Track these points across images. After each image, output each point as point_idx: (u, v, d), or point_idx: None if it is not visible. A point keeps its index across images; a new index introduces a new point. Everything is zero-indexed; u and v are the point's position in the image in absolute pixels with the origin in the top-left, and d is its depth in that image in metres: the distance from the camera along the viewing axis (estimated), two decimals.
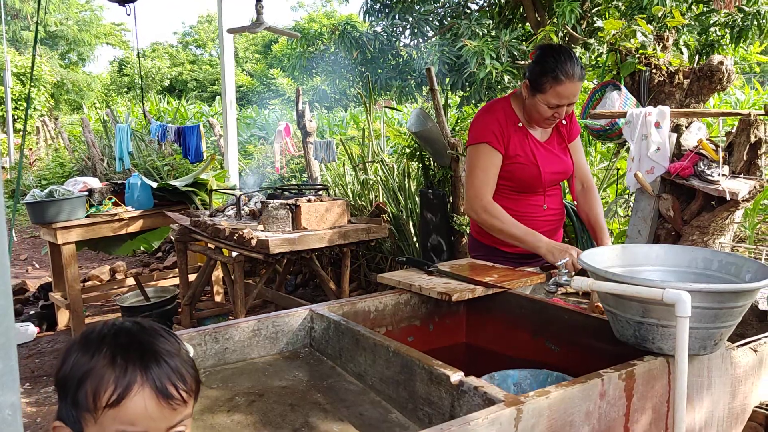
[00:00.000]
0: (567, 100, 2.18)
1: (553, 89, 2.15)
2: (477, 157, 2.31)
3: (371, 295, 1.96)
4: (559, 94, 2.16)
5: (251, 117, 12.06)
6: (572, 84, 2.14)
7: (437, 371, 1.40)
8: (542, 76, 2.16)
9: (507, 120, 2.31)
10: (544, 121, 2.26)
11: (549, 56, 2.16)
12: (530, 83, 2.21)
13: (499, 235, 2.28)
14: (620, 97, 3.13)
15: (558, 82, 2.13)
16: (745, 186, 2.72)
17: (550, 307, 1.85)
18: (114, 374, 0.87)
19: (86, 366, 0.88)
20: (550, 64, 2.14)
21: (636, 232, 3.11)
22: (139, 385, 0.87)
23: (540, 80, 2.17)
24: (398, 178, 4.75)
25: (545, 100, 2.19)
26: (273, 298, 4.39)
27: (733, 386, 1.61)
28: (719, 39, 6.34)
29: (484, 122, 2.32)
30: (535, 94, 2.21)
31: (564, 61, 2.12)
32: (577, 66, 2.14)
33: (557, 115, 2.23)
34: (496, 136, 2.28)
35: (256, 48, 28.84)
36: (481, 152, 2.31)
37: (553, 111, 2.21)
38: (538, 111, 2.23)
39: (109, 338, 0.91)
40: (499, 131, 2.29)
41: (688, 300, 1.30)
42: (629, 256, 1.73)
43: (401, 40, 7.82)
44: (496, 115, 2.32)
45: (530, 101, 2.24)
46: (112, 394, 0.86)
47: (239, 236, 3.46)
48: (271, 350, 1.78)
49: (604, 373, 1.37)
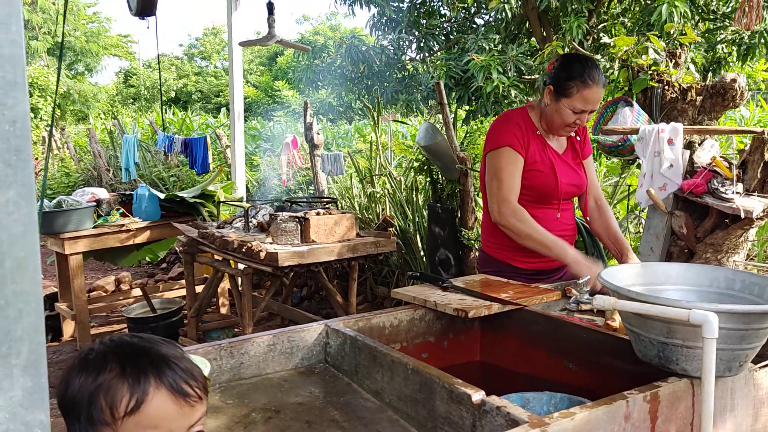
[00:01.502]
0: (591, 105, 2.22)
1: (580, 93, 2.20)
2: (500, 160, 2.30)
3: (386, 311, 1.94)
4: (585, 99, 2.20)
5: (256, 129, 12.09)
6: (598, 89, 2.20)
7: (458, 390, 1.38)
8: (569, 80, 2.20)
9: (526, 127, 2.33)
10: (566, 127, 2.28)
11: (575, 62, 2.23)
12: (555, 88, 2.25)
13: (527, 240, 2.25)
14: (632, 114, 3.12)
15: (586, 86, 2.19)
16: (759, 204, 2.71)
17: (567, 325, 1.83)
18: (127, 383, 0.88)
19: (95, 383, 0.88)
20: (578, 70, 2.19)
21: (648, 249, 3.09)
22: (155, 388, 0.88)
23: (567, 84, 2.21)
24: (406, 192, 4.74)
25: (570, 105, 2.22)
26: (279, 310, 4.37)
27: (756, 408, 1.58)
28: (726, 56, 6.36)
29: (505, 127, 2.32)
30: (559, 99, 2.24)
31: (591, 67, 2.20)
32: (601, 74, 2.21)
33: (579, 122, 2.26)
34: (517, 140, 2.29)
35: (261, 60, 28.99)
36: (504, 156, 2.30)
37: (576, 117, 2.24)
38: (561, 116, 2.25)
39: (111, 353, 0.92)
40: (521, 135, 2.30)
41: (716, 321, 1.28)
42: (650, 275, 1.71)
43: (407, 54, 7.85)
44: (516, 120, 2.34)
45: (553, 107, 2.26)
46: (129, 401, 0.87)
47: (248, 249, 3.44)
48: (286, 365, 1.76)
49: (628, 395, 1.35)
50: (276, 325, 4.57)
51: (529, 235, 2.22)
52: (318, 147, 5.18)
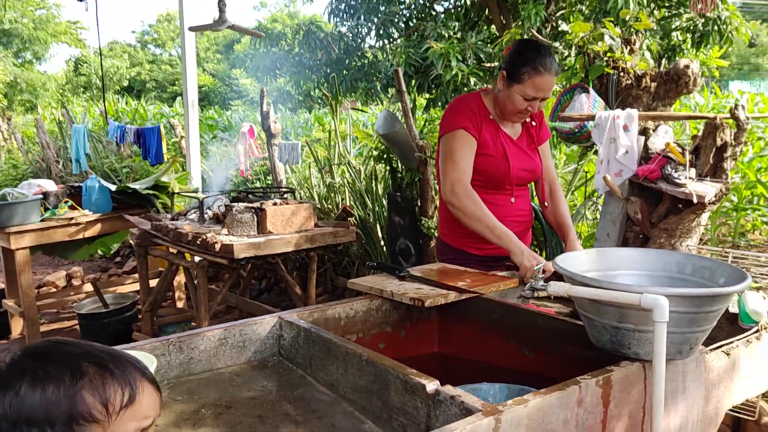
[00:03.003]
0: (542, 93, 2.21)
1: (531, 80, 2.18)
2: (455, 142, 2.28)
3: (341, 302, 1.91)
4: (537, 86, 2.19)
5: (213, 118, 11.86)
6: (549, 77, 2.19)
7: (412, 380, 1.35)
8: (522, 66, 2.18)
9: (479, 111, 2.32)
10: (517, 114, 2.27)
11: (529, 49, 2.21)
12: (508, 74, 2.23)
13: (476, 223, 2.20)
14: (589, 100, 3.14)
15: (537, 73, 2.17)
16: (711, 189, 2.75)
17: (524, 312, 1.83)
18: (116, 378, 0.88)
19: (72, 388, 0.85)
20: (531, 56, 2.17)
21: (605, 235, 3.12)
22: (140, 379, 0.91)
23: (519, 70, 2.19)
24: (365, 181, 4.70)
25: (522, 91, 2.20)
26: (237, 303, 4.29)
27: (707, 390, 1.60)
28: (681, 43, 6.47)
29: (459, 111, 2.31)
30: (512, 85, 2.22)
31: (543, 55, 2.18)
32: (554, 61, 2.19)
33: (530, 109, 2.25)
34: (471, 122, 2.28)
35: (217, 48, 28.46)
36: (457, 138, 2.28)
37: (527, 104, 2.23)
38: (513, 102, 2.24)
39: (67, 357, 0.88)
40: (473, 118, 2.29)
41: (666, 305, 1.28)
42: (604, 260, 1.71)
43: (367, 42, 7.78)
44: (469, 104, 2.33)
45: (505, 92, 2.25)
46: (124, 395, 0.88)
47: (203, 241, 3.36)
48: (238, 359, 1.71)
49: (581, 380, 1.35)
50: (234, 318, 4.49)
51: (479, 218, 2.19)
52: (275, 136, 5.09)
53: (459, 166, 2.25)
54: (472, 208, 2.21)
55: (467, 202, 2.22)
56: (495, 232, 2.17)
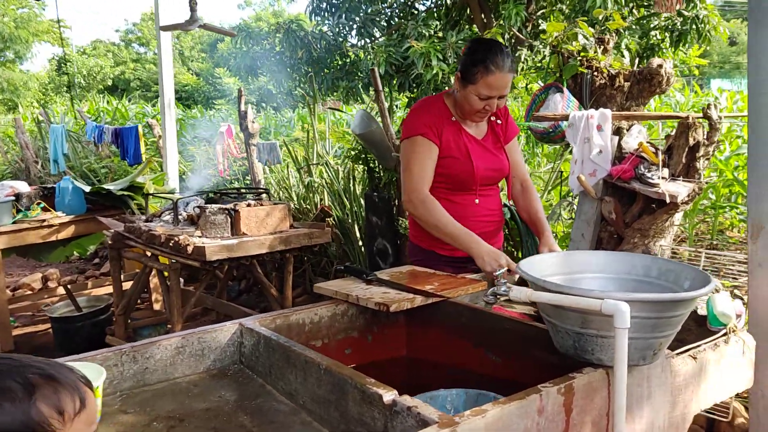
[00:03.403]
0: (497, 91, 2.17)
1: (483, 79, 2.15)
2: (412, 149, 2.27)
3: (306, 307, 1.87)
4: (490, 85, 2.15)
5: (196, 117, 11.76)
6: (502, 75, 2.14)
7: (370, 390, 1.32)
8: (473, 66, 2.16)
9: (440, 114, 2.29)
10: (476, 114, 2.24)
11: (480, 48, 2.17)
12: (461, 75, 2.21)
13: (435, 231, 2.22)
14: (563, 100, 3.13)
15: (489, 72, 2.13)
16: (684, 189, 2.74)
17: (491, 317, 1.80)
18: (64, 385, 0.88)
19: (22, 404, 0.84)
20: (481, 55, 2.14)
21: (579, 235, 3.11)
22: (84, 385, 0.92)
23: (471, 71, 2.16)
24: (343, 181, 4.66)
25: (476, 91, 2.18)
26: (214, 305, 4.24)
27: (674, 395, 1.58)
28: (659, 42, 6.48)
29: (418, 116, 2.29)
30: (466, 86, 2.20)
31: (495, 53, 2.13)
32: (508, 58, 2.15)
33: (488, 108, 2.22)
34: (430, 128, 2.25)
35: (202, 47, 28.23)
36: (416, 144, 2.26)
37: (484, 103, 2.20)
38: (469, 103, 2.22)
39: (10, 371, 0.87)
40: (433, 123, 2.26)
41: (627, 311, 1.26)
42: (570, 264, 1.69)
43: (348, 40, 7.73)
44: (429, 108, 2.30)
45: (462, 93, 2.23)
46: (75, 401, 0.88)
47: (175, 243, 3.31)
48: (197, 368, 1.66)
49: (542, 388, 1.32)
50: (211, 320, 4.44)
51: (436, 225, 2.19)
52: (253, 136, 5.03)
53: (415, 175, 2.24)
54: (427, 217, 2.21)
55: (423, 211, 2.21)
56: (453, 236, 2.17)
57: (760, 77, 2.05)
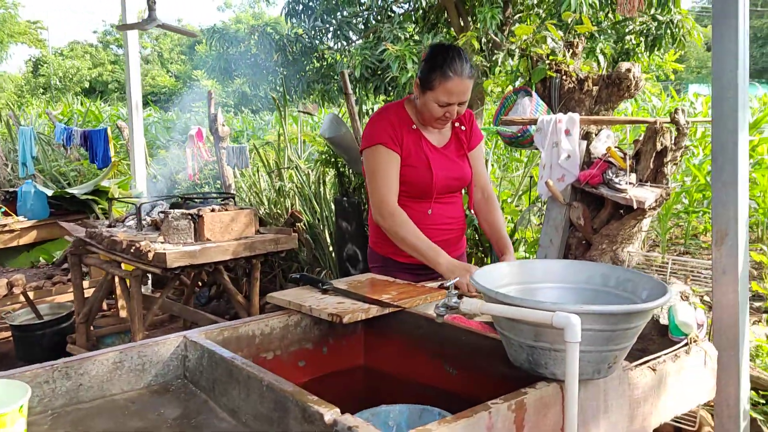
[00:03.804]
0: (456, 98, 2.12)
1: (442, 86, 2.09)
2: (375, 159, 2.21)
3: (256, 318, 1.80)
4: (449, 91, 2.10)
5: (172, 120, 11.61)
6: (461, 81, 2.09)
7: (311, 409, 1.25)
8: (431, 72, 2.10)
9: (400, 121, 2.23)
10: (436, 120, 2.19)
11: (438, 54, 2.11)
12: (420, 81, 2.15)
13: (402, 244, 2.18)
14: (531, 104, 3.09)
15: (447, 78, 2.08)
16: (651, 194, 2.71)
17: (448, 328, 1.74)
18: None
19: None
20: (439, 62, 2.09)
21: (548, 240, 3.07)
22: None
23: (429, 77, 2.11)
24: (314, 186, 4.58)
25: (435, 98, 2.12)
26: (180, 312, 4.14)
27: (632, 409, 1.53)
28: (635, 47, 6.50)
29: (377, 124, 2.23)
30: (425, 92, 2.14)
31: (452, 59, 2.08)
32: (466, 64, 2.09)
33: (449, 115, 2.17)
34: (390, 137, 2.19)
35: (181, 49, 27.96)
36: (378, 154, 2.21)
37: (444, 110, 2.15)
38: (429, 109, 2.17)
39: None
40: (393, 132, 2.20)
41: (578, 324, 1.20)
42: (527, 273, 1.63)
43: (324, 43, 7.65)
44: (389, 116, 2.24)
45: (421, 100, 2.18)
46: None
47: (136, 249, 3.21)
48: (136, 384, 1.58)
49: (492, 405, 1.26)
50: (178, 327, 4.34)
51: (403, 238, 2.15)
52: (223, 139, 4.94)
53: (381, 186, 2.19)
54: (395, 230, 2.17)
55: (392, 223, 2.17)
56: (420, 251, 2.13)
57: (724, 82, 2.03)
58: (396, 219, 2.16)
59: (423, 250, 2.12)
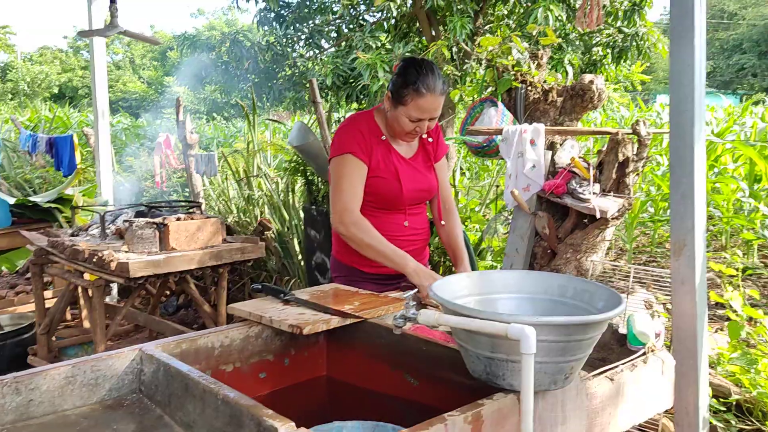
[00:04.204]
0: (428, 114, 2.12)
1: (414, 102, 2.09)
2: (342, 168, 2.20)
3: (215, 330, 1.78)
4: (420, 108, 2.10)
5: (143, 126, 11.47)
6: (433, 98, 2.09)
7: (266, 423, 1.23)
8: (404, 88, 2.10)
9: (370, 132, 2.23)
10: (406, 134, 2.19)
11: (411, 69, 2.11)
12: (392, 95, 2.15)
13: (368, 251, 2.16)
14: (497, 114, 3.11)
15: (419, 94, 2.08)
16: (614, 204, 2.75)
17: (409, 338, 1.73)
18: None
19: None
20: (412, 77, 2.08)
21: (514, 250, 3.09)
22: None
23: (402, 92, 2.11)
24: (283, 194, 4.56)
25: (407, 113, 2.12)
26: (145, 322, 4.07)
27: (590, 419, 1.54)
28: (601, 58, 6.61)
29: (347, 134, 2.22)
30: (397, 106, 2.14)
31: (426, 74, 2.08)
32: (439, 80, 2.09)
33: (419, 129, 2.17)
34: (359, 147, 2.19)
35: (153, 55, 27.66)
36: (346, 163, 2.19)
37: (415, 125, 2.15)
38: (399, 124, 2.16)
39: None
40: (362, 142, 2.20)
41: (533, 336, 1.21)
42: (486, 284, 1.64)
43: (296, 51, 7.64)
44: (359, 126, 2.23)
45: (392, 114, 2.17)
46: None
47: (99, 259, 3.15)
48: (89, 399, 1.55)
49: (448, 417, 1.26)
50: (143, 338, 4.27)
51: (370, 245, 2.13)
52: (192, 147, 4.89)
53: (346, 194, 2.17)
54: (361, 237, 2.14)
55: (356, 231, 2.15)
56: (388, 256, 2.11)
57: (682, 95, 2.06)
58: (360, 226, 2.15)
59: (390, 256, 2.10)
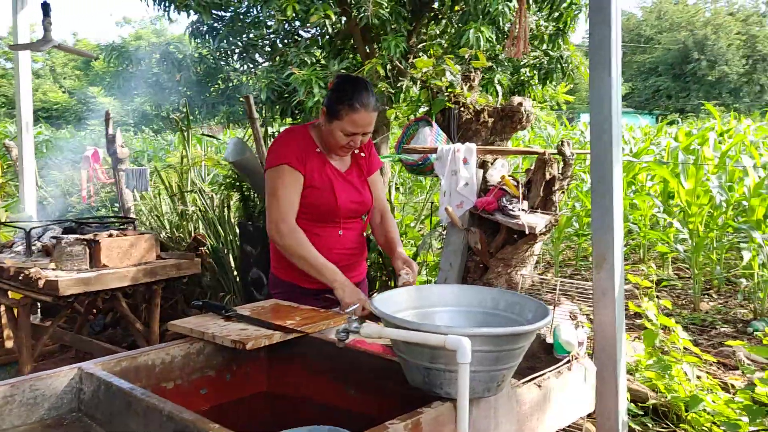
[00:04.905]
0: (362, 128, 2.22)
1: (349, 117, 2.18)
2: (278, 178, 2.26)
3: (155, 347, 1.78)
4: (355, 122, 2.19)
5: (66, 138, 11.07)
6: (367, 114, 2.19)
7: None
8: (339, 103, 2.19)
9: (305, 144, 2.30)
10: (340, 148, 2.28)
11: (346, 85, 2.21)
12: (327, 110, 2.23)
13: (300, 261, 2.21)
14: (432, 133, 3.23)
15: (354, 110, 2.17)
16: (542, 220, 2.90)
17: (349, 351, 1.79)
18: None
19: None
20: (348, 93, 2.18)
21: (448, 264, 3.19)
22: None
23: (336, 107, 2.19)
24: (218, 209, 4.53)
25: (341, 128, 2.21)
26: (72, 342, 3.94)
27: (520, 423, 1.64)
28: (529, 79, 6.91)
29: (283, 145, 2.29)
30: (331, 121, 2.22)
31: (360, 91, 2.18)
32: (372, 97, 2.20)
33: (353, 144, 2.26)
34: (295, 156, 2.26)
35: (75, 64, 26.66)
36: (282, 173, 2.25)
37: (349, 139, 2.24)
38: (334, 137, 2.25)
39: None
40: (298, 152, 2.27)
41: (468, 346, 1.29)
42: (424, 298, 1.72)
43: (230, 65, 7.59)
44: (295, 137, 2.31)
45: (327, 128, 2.25)
46: None
47: (25, 276, 3.06)
48: (28, 419, 1.52)
49: (389, 425, 1.32)
50: (70, 358, 4.13)
51: (303, 256, 2.19)
52: (122, 161, 4.79)
53: (282, 204, 2.23)
54: (295, 247, 2.20)
55: (290, 241, 2.21)
56: (318, 269, 2.18)
57: (602, 117, 2.22)
58: (296, 236, 2.21)
59: (320, 269, 2.17)
